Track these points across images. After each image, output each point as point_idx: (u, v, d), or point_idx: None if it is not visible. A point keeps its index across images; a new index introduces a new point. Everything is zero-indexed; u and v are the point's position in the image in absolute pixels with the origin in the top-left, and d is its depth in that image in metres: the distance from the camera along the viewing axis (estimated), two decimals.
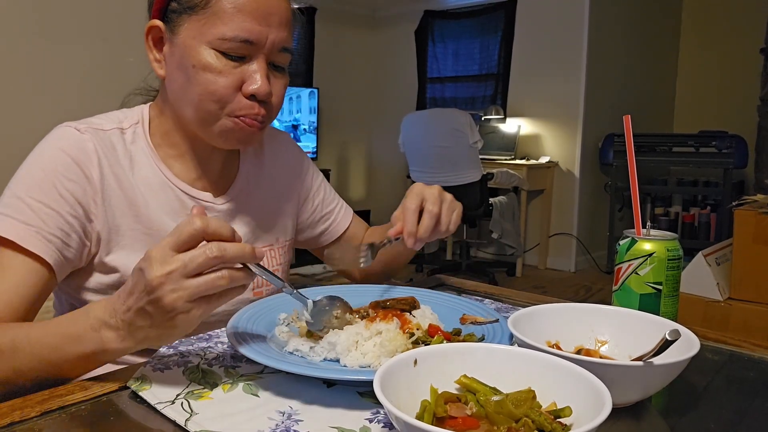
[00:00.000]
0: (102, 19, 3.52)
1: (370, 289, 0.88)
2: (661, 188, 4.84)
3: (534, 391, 0.48)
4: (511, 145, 4.77)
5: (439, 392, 0.48)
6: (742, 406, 0.59)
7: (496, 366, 0.52)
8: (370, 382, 0.47)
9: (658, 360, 0.52)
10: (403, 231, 0.82)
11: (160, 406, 0.55)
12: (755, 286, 1.87)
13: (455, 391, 0.49)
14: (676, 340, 0.52)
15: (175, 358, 0.67)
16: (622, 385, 0.52)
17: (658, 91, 5.22)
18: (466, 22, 5.18)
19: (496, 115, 4.80)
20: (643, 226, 0.74)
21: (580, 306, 0.68)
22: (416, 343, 0.66)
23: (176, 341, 0.70)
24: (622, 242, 0.73)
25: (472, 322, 0.75)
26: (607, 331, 0.65)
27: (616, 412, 0.50)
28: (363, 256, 0.83)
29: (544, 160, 4.63)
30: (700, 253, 1.99)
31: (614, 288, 0.74)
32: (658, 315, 0.68)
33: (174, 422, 0.53)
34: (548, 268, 4.73)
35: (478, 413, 0.46)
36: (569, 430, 0.44)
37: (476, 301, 0.86)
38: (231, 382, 0.61)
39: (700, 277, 1.94)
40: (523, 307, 0.68)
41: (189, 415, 0.53)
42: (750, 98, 4.34)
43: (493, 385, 0.49)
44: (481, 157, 3.97)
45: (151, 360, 0.66)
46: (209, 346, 0.71)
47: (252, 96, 0.78)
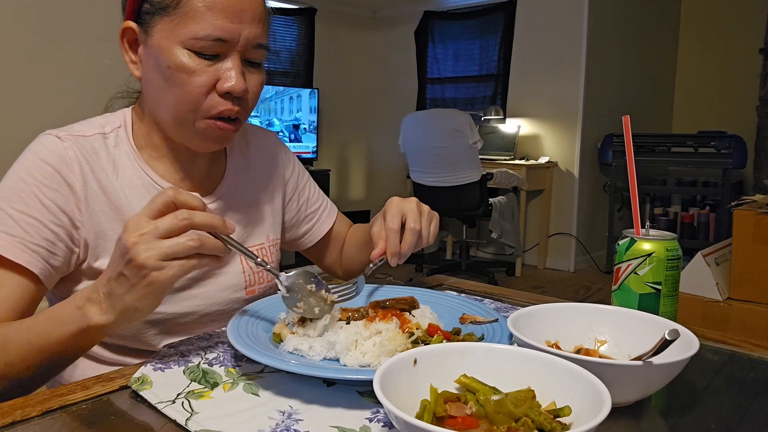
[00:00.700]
0: (102, 20, 3.52)
1: (370, 289, 0.88)
2: (660, 188, 4.85)
3: (533, 391, 0.48)
4: (511, 145, 4.77)
5: (439, 392, 0.48)
6: (742, 406, 0.59)
7: (496, 365, 0.52)
8: (370, 382, 0.47)
9: (657, 359, 0.52)
10: (387, 251, 0.83)
11: (160, 406, 0.55)
12: (754, 286, 1.87)
13: (455, 391, 0.49)
14: (676, 339, 0.53)
15: (176, 357, 0.67)
16: (622, 385, 0.53)
17: (657, 91, 5.22)
18: (465, 22, 5.18)
19: (495, 115, 4.80)
20: (643, 226, 0.74)
21: (579, 306, 0.68)
22: (416, 342, 0.66)
23: (154, 310, 0.67)
24: (621, 242, 0.73)
25: (471, 322, 0.76)
26: (607, 331, 0.65)
27: (616, 411, 0.50)
28: (353, 291, 0.81)
29: (543, 160, 4.63)
30: (700, 253, 1.99)
31: (613, 288, 0.74)
32: (658, 315, 0.68)
33: (174, 422, 0.53)
34: (548, 267, 4.73)
35: (478, 413, 0.46)
36: (569, 429, 0.44)
37: (476, 300, 0.86)
38: (231, 381, 0.61)
39: (700, 277, 1.94)
40: (523, 306, 0.68)
41: (189, 414, 0.54)
42: (749, 98, 4.35)
43: (492, 385, 0.49)
44: (480, 157, 3.97)
45: (151, 359, 0.66)
46: (209, 346, 0.71)
47: (227, 94, 0.78)
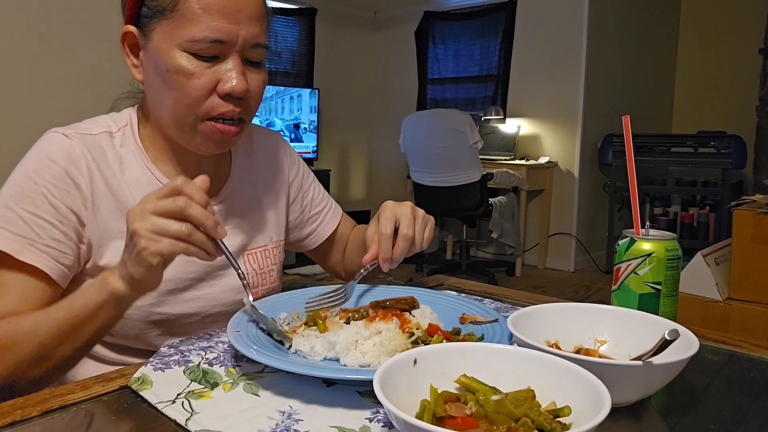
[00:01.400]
0: (106, 21, 3.52)
1: (370, 289, 0.88)
2: (660, 188, 4.85)
3: (533, 391, 0.48)
4: (511, 145, 4.77)
5: (439, 392, 0.48)
6: (742, 406, 0.59)
7: (496, 365, 0.52)
8: (370, 382, 0.47)
9: (657, 359, 0.52)
10: (379, 256, 0.82)
11: (160, 406, 0.55)
12: (754, 286, 1.87)
13: (455, 391, 0.49)
14: (675, 339, 0.53)
15: (176, 357, 0.67)
16: (622, 385, 0.53)
17: (656, 91, 5.22)
18: (466, 23, 5.18)
19: (495, 115, 4.80)
20: (642, 226, 0.74)
21: (579, 306, 0.68)
22: (416, 342, 0.66)
23: (156, 284, 0.69)
24: (621, 242, 0.73)
25: (471, 322, 0.76)
26: (607, 331, 0.65)
27: (616, 411, 0.50)
28: (341, 297, 0.81)
29: (543, 160, 4.63)
30: (699, 253, 1.99)
31: (613, 288, 0.74)
32: (658, 315, 0.68)
33: (174, 422, 0.53)
34: (548, 267, 4.73)
35: (478, 413, 0.46)
36: (568, 429, 0.44)
37: (476, 300, 0.86)
38: (231, 381, 0.61)
39: (700, 277, 1.94)
40: (523, 306, 0.68)
41: (189, 414, 0.54)
42: (749, 98, 4.35)
43: (492, 385, 0.49)
44: (480, 157, 3.97)
45: (151, 359, 0.66)
46: (210, 346, 0.71)
47: (228, 95, 0.77)
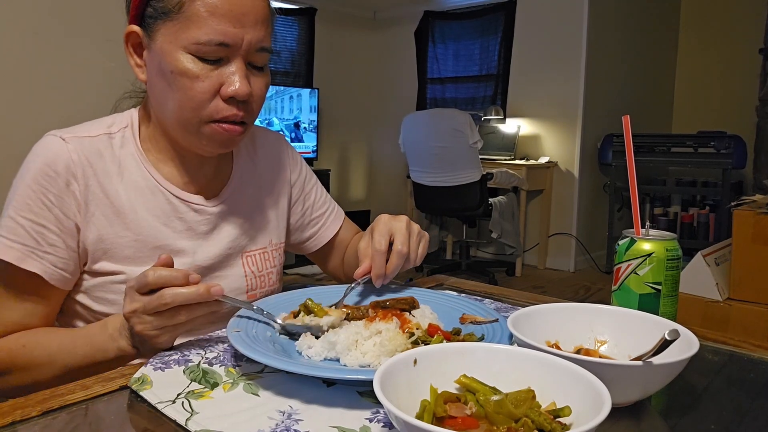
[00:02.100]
0: (107, 20, 3.52)
1: (370, 289, 0.88)
2: (660, 188, 4.85)
3: (533, 391, 0.48)
4: (511, 145, 4.77)
5: (439, 392, 0.48)
6: (742, 406, 0.59)
7: (496, 366, 0.52)
8: (370, 382, 0.47)
9: (657, 360, 0.52)
10: (372, 272, 0.82)
11: (160, 406, 0.55)
12: (754, 287, 1.87)
13: (455, 391, 0.49)
14: (675, 339, 0.53)
15: (176, 357, 0.67)
16: (622, 385, 0.53)
17: (656, 91, 5.22)
18: (466, 22, 5.18)
19: (495, 115, 4.80)
20: (642, 226, 0.74)
21: (579, 306, 0.68)
22: (416, 342, 0.66)
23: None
24: (621, 242, 0.73)
25: (471, 322, 0.75)
26: (607, 331, 0.65)
27: (616, 411, 0.50)
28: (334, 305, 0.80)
29: (543, 160, 4.63)
30: (699, 253, 1.99)
31: (613, 288, 0.74)
32: (658, 315, 0.68)
33: (174, 422, 0.53)
34: (548, 267, 4.73)
35: (478, 413, 0.46)
36: (569, 429, 0.44)
37: (476, 300, 0.86)
38: (231, 381, 0.61)
39: (700, 277, 1.94)
40: (523, 306, 0.68)
41: (189, 414, 0.54)
42: (749, 99, 4.35)
43: (492, 385, 0.49)
44: (480, 157, 3.97)
45: (151, 359, 0.66)
46: (210, 346, 0.71)
47: (231, 98, 0.77)
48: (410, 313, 0.74)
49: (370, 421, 0.53)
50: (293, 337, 0.71)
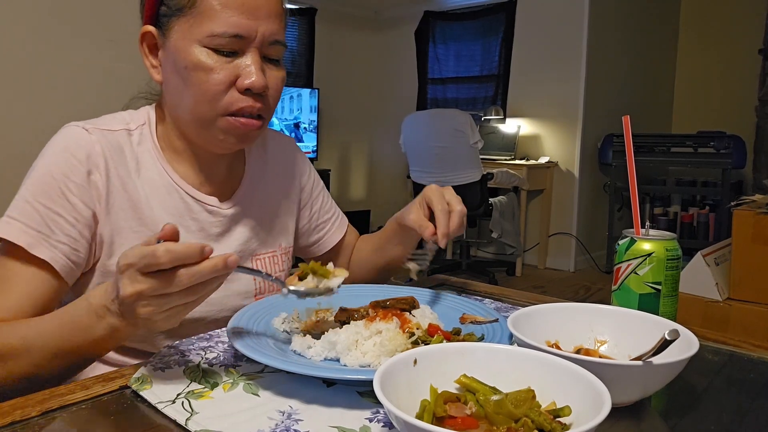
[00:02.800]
0: (109, 20, 3.52)
1: (370, 289, 0.88)
2: (660, 188, 4.85)
3: (533, 391, 0.48)
4: (511, 145, 4.77)
5: (439, 392, 0.48)
6: (742, 406, 0.59)
7: (496, 366, 0.52)
8: (370, 382, 0.47)
9: (657, 360, 0.52)
10: (438, 232, 0.83)
11: (160, 406, 0.55)
12: (754, 286, 1.87)
13: (455, 391, 0.49)
14: (675, 339, 0.53)
15: (176, 357, 0.67)
16: (622, 385, 0.53)
17: (656, 91, 5.22)
18: (466, 23, 5.18)
19: (496, 115, 4.80)
20: (642, 226, 0.74)
21: (579, 306, 0.68)
22: (416, 342, 0.66)
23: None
24: (621, 242, 0.73)
25: (471, 322, 0.76)
26: (607, 331, 0.65)
27: (616, 411, 0.50)
28: (420, 263, 0.85)
29: (543, 160, 4.63)
30: (699, 253, 1.99)
31: (613, 288, 0.74)
32: (658, 315, 0.68)
33: (174, 422, 0.53)
34: (548, 267, 4.73)
35: (478, 413, 0.46)
36: (568, 429, 0.44)
37: (476, 300, 0.86)
38: (231, 381, 0.61)
39: (699, 277, 1.94)
40: (523, 306, 0.68)
41: (189, 414, 0.54)
42: (748, 99, 4.35)
43: (492, 385, 0.49)
44: (481, 157, 3.97)
45: (151, 359, 0.66)
46: (210, 346, 0.71)
47: (247, 90, 0.77)
48: (410, 313, 0.74)
49: (370, 421, 0.53)
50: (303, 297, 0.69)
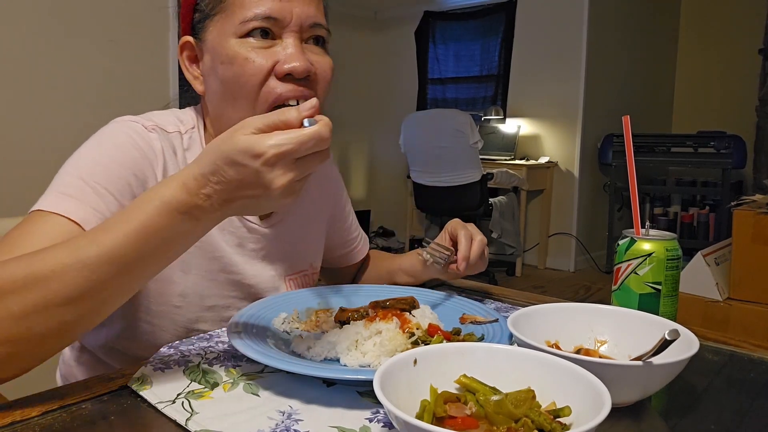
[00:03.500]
0: (108, 20, 3.52)
1: (370, 289, 0.88)
2: (660, 188, 4.85)
3: (533, 391, 0.48)
4: (511, 145, 4.77)
5: (439, 392, 0.48)
6: (743, 406, 0.59)
7: (496, 366, 0.52)
8: (370, 382, 0.47)
9: (657, 360, 0.52)
10: (459, 256, 0.86)
11: (160, 406, 0.55)
12: (754, 286, 1.87)
13: (455, 391, 0.49)
14: (676, 339, 0.53)
15: (176, 357, 0.67)
16: (622, 385, 0.53)
17: (656, 91, 5.22)
18: (466, 23, 5.18)
19: (495, 115, 4.81)
20: (642, 226, 0.74)
21: (579, 306, 0.68)
22: (416, 342, 0.66)
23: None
24: (621, 242, 0.73)
25: (471, 322, 0.76)
26: (607, 331, 0.65)
27: (616, 411, 0.50)
28: (439, 257, 0.87)
29: (543, 160, 4.64)
30: (699, 253, 1.99)
31: (613, 288, 0.74)
32: (658, 315, 0.68)
33: (174, 422, 0.53)
34: (548, 267, 4.73)
35: (478, 413, 0.46)
36: (569, 429, 0.44)
37: (476, 300, 0.86)
38: (231, 381, 0.61)
39: (700, 277, 1.94)
40: (523, 306, 0.68)
41: (189, 414, 0.54)
42: (748, 99, 4.35)
43: (492, 385, 0.49)
44: (481, 157, 3.97)
45: (151, 359, 0.66)
46: (210, 346, 0.71)
47: (288, 76, 0.72)
48: (410, 313, 0.74)
49: (370, 421, 0.53)
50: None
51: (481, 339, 0.68)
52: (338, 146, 5.59)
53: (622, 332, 0.64)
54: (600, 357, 0.62)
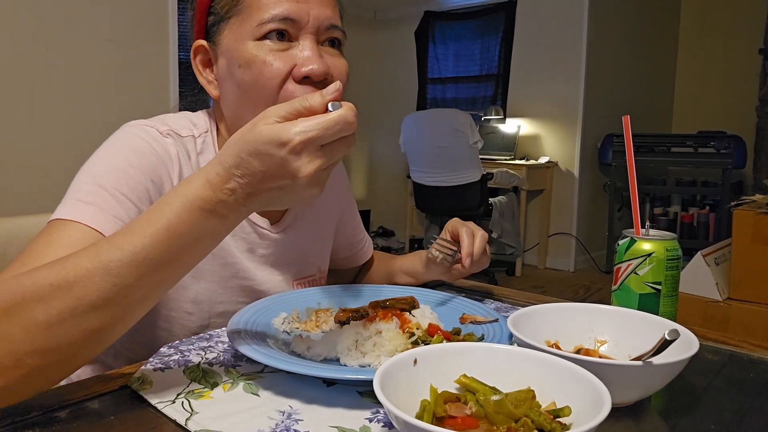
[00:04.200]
0: (108, 20, 3.52)
1: (370, 289, 0.88)
2: (660, 188, 4.85)
3: (533, 391, 0.48)
4: (511, 145, 4.77)
5: (439, 392, 0.48)
6: (743, 406, 0.59)
7: (496, 366, 0.52)
8: (370, 382, 0.47)
9: (657, 360, 0.52)
10: (462, 252, 0.86)
11: (160, 406, 0.55)
12: (754, 286, 1.87)
13: (455, 391, 0.49)
14: (675, 339, 0.53)
15: (176, 357, 0.67)
16: (622, 385, 0.53)
17: (656, 91, 5.22)
18: (466, 23, 5.18)
19: (495, 115, 4.80)
20: (642, 226, 0.74)
21: (579, 306, 0.68)
22: (416, 342, 0.66)
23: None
24: (621, 242, 0.73)
25: (471, 322, 0.76)
26: (607, 331, 0.65)
27: (616, 411, 0.50)
28: (449, 253, 0.88)
29: (543, 160, 4.64)
30: (699, 253, 1.99)
31: (613, 288, 0.74)
32: (658, 315, 0.68)
33: (174, 422, 0.53)
34: (547, 267, 4.73)
35: (478, 413, 0.46)
36: (568, 429, 0.44)
37: (476, 300, 0.86)
38: (231, 381, 0.61)
39: (700, 277, 1.94)
40: (523, 306, 0.68)
41: (189, 414, 0.54)
42: (748, 99, 4.36)
43: (492, 385, 0.49)
44: (480, 157, 3.97)
45: (151, 359, 0.66)
46: (209, 346, 0.71)
47: (306, 78, 0.71)
48: (410, 313, 0.74)
49: (370, 421, 0.53)
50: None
51: (481, 339, 0.68)
52: None
53: (622, 332, 0.64)
54: (600, 357, 0.62)
